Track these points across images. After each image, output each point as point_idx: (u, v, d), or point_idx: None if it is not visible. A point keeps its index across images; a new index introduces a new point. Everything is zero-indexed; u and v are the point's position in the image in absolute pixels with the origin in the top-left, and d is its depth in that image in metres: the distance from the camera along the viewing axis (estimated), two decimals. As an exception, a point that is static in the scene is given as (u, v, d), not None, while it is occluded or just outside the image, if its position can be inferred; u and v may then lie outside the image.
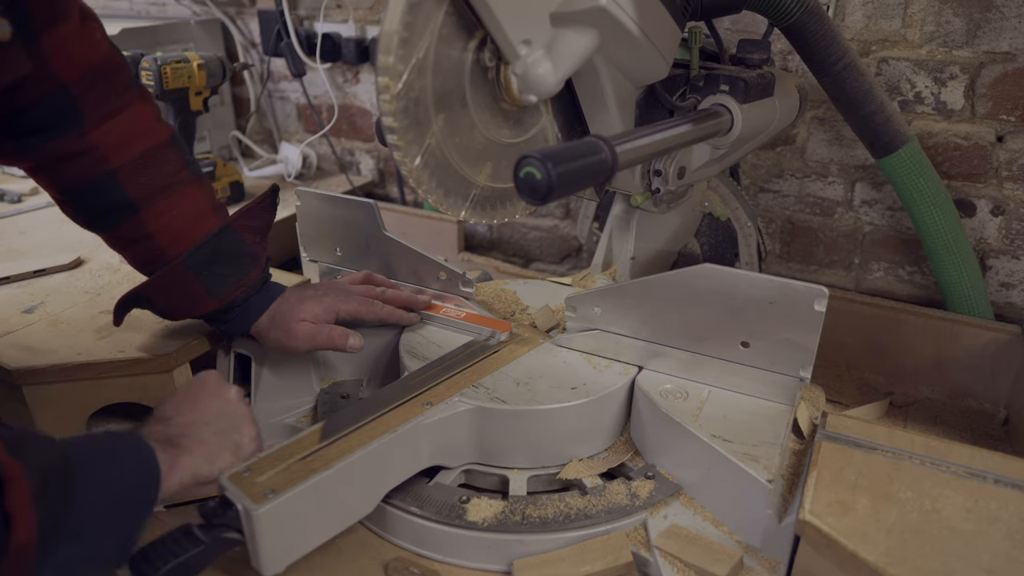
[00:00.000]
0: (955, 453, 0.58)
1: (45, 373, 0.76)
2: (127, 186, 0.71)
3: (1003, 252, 0.98)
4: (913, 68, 0.96)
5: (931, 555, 0.49)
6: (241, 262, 0.75)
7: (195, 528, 0.55)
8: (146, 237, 0.73)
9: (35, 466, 0.45)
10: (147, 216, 0.72)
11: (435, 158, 0.64)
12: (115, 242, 0.76)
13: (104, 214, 0.73)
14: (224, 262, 0.74)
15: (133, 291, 0.74)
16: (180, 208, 0.73)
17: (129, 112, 0.72)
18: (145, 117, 0.73)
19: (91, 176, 0.71)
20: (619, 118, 0.73)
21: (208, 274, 0.73)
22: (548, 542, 0.62)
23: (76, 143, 0.69)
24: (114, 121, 0.70)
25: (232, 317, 0.77)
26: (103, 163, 0.70)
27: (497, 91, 0.67)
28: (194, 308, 0.75)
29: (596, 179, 0.53)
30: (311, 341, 0.76)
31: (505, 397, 0.68)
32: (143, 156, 0.72)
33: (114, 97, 0.70)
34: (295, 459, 0.58)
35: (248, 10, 1.53)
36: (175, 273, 0.72)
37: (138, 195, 0.72)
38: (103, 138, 0.70)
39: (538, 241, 1.36)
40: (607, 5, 0.61)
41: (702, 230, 0.97)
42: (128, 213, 0.72)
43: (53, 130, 0.68)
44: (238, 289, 0.75)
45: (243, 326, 0.77)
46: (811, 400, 0.66)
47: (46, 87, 0.67)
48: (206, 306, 0.75)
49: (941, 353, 0.91)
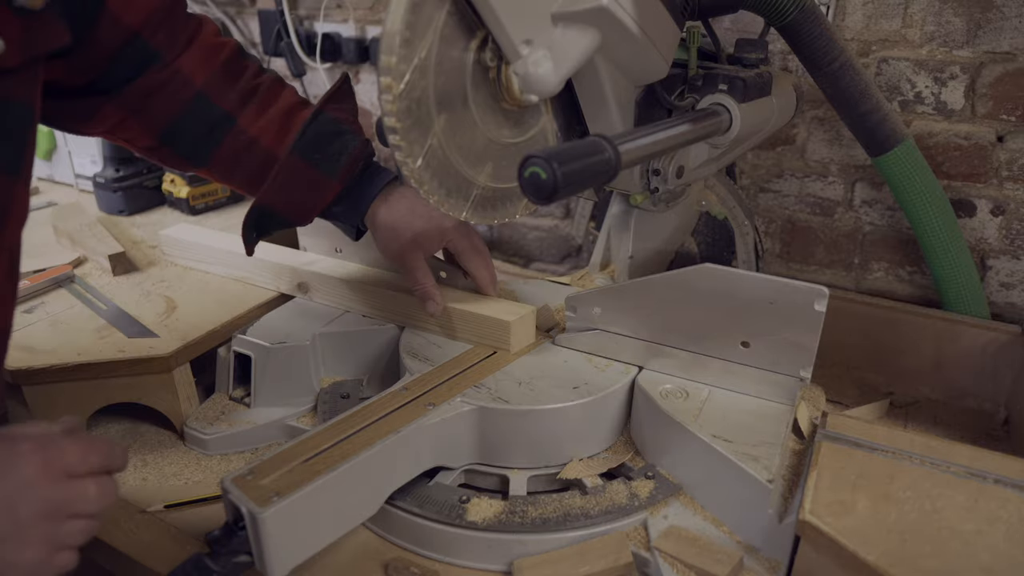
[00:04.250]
0: (955, 453, 0.58)
1: (45, 373, 0.76)
2: (217, 100, 0.72)
3: (1003, 252, 0.98)
4: (913, 68, 0.96)
5: (931, 555, 0.49)
6: (344, 140, 0.75)
7: (205, 558, 0.55)
8: (250, 143, 0.73)
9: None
10: (245, 122, 0.73)
11: (437, 158, 0.64)
12: (223, 166, 0.75)
13: (204, 138, 0.73)
14: (330, 143, 0.74)
15: (254, 206, 0.73)
16: (272, 107, 0.74)
17: (199, 37, 0.72)
18: (213, 34, 0.74)
19: (181, 103, 0.71)
20: (619, 118, 0.73)
21: (320, 157, 0.73)
22: (548, 542, 0.62)
23: (159, 75, 0.70)
24: (190, 49, 0.71)
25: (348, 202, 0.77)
26: (188, 86, 0.71)
27: (498, 91, 0.67)
28: (320, 198, 0.75)
29: (600, 179, 0.53)
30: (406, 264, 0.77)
31: (508, 397, 0.68)
32: (222, 69, 0.72)
33: (180, 29, 0.71)
34: (299, 461, 0.59)
35: (248, 10, 1.53)
36: (289, 165, 0.72)
37: (230, 105, 0.72)
38: (184, 65, 0.71)
39: (538, 241, 1.36)
40: (609, 5, 0.61)
41: (699, 229, 0.97)
42: (226, 125, 0.73)
43: (137, 73, 0.69)
44: (353, 165, 0.75)
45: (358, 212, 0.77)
46: (811, 400, 0.66)
47: (120, 40, 0.67)
48: (330, 190, 0.75)
49: (941, 353, 0.91)
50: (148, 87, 0.70)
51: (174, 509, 0.71)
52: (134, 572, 0.66)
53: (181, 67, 0.70)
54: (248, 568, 0.56)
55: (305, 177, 0.73)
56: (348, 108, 0.77)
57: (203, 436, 0.78)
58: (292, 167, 0.72)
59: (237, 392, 0.84)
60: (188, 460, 0.78)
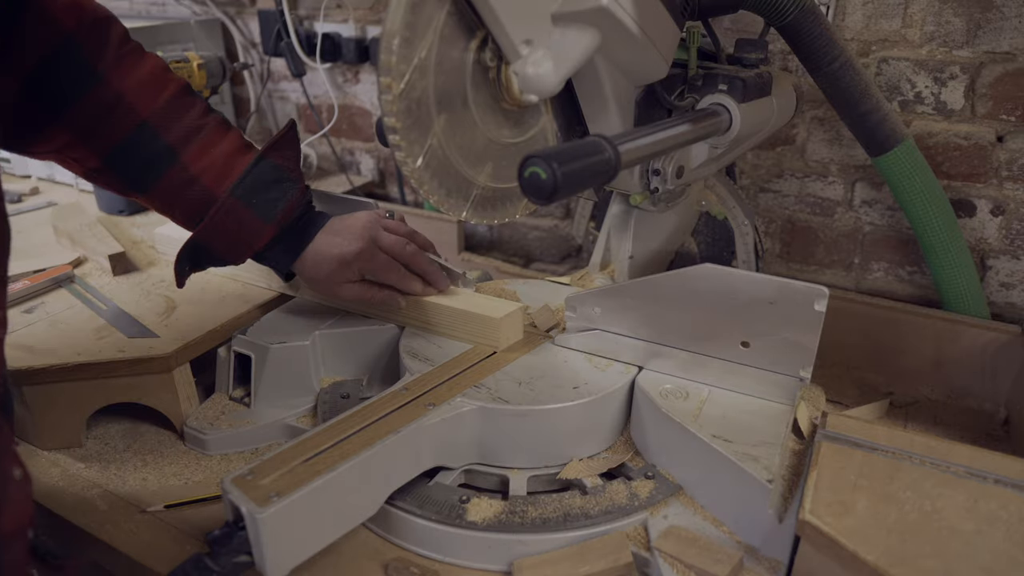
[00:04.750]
0: (955, 453, 0.58)
1: (45, 373, 0.76)
2: (162, 133, 0.72)
3: (1003, 252, 0.98)
4: (913, 68, 0.96)
5: (931, 555, 0.49)
6: (283, 187, 0.76)
7: (205, 558, 0.55)
8: (191, 180, 0.73)
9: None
10: (188, 159, 0.73)
11: (437, 158, 0.64)
12: (162, 197, 0.75)
13: (146, 168, 0.73)
14: (269, 188, 0.75)
15: (189, 241, 0.74)
16: (216, 147, 0.74)
17: (145, 64, 0.73)
18: (161, 69, 0.74)
19: (125, 130, 0.71)
20: (619, 117, 0.73)
21: (258, 201, 0.74)
22: (548, 542, 0.62)
23: (102, 94, 0.70)
24: (133, 73, 0.72)
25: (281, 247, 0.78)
26: (133, 114, 0.71)
27: (498, 91, 0.67)
28: (254, 240, 0.76)
29: (600, 178, 0.53)
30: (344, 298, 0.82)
31: (508, 397, 0.68)
32: (168, 103, 0.73)
33: (119, 45, 0.72)
34: (299, 461, 0.58)
35: (248, 10, 1.53)
36: (227, 207, 0.73)
37: (174, 140, 0.73)
38: (129, 92, 0.71)
39: (538, 241, 1.36)
40: (609, 5, 0.61)
41: (699, 229, 0.97)
42: (169, 160, 0.73)
43: (79, 90, 0.69)
44: (289, 211, 0.76)
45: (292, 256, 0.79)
46: (811, 400, 0.66)
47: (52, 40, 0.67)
48: (265, 234, 0.75)
49: (941, 353, 0.91)
50: (94, 110, 0.70)
51: (174, 509, 0.71)
52: (134, 572, 0.66)
53: (126, 94, 0.71)
54: (248, 568, 0.56)
55: (241, 219, 0.74)
56: (291, 156, 0.78)
57: (203, 436, 0.78)
58: (230, 208, 0.73)
59: (237, 392, 0.84)
60: (188, 460, 0.78)
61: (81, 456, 0.79)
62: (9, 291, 0.90)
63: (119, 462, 0.78)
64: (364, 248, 0.78)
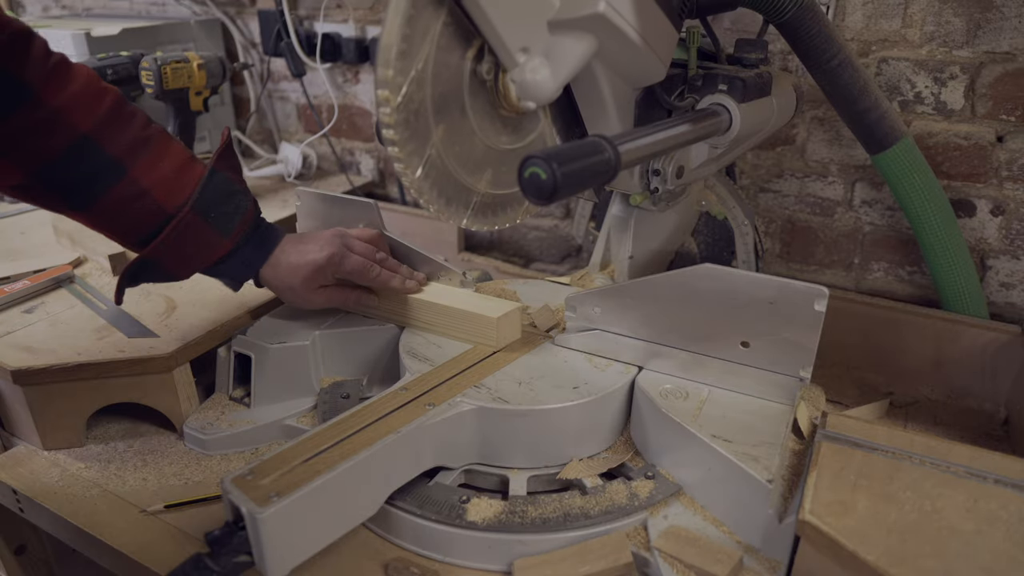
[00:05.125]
0: (955, 453, 0.58)
1: (45, 373, 0.76)
2: (107, 146, 0.68)
3: (1003, 252, 0.98)
4: (913, 68, 0.96)
5: (931, 555, 0.49)
6: (238, 200, 0.76)
7: (205, 558, 0.55)
8: (141, 194, 0.70)
9: None
10: (136, 173, 0.69)
11: (436, 168, 0.64)
12: (105, 213, 0.71)
13: (88, 182, 0.69)
14: (226, 202, 0.74)
15: (139, 259, 0.72)
16: (164, 160, 0.71)
17: (77, 76, 0.68)
18: (92, 78, 0.70)
19: (62, 145, 0.66)
20: (618, 120, 0.73)
21: (216, 215, 0.73)
22: (548, 542, 0.62)
23: (34, 111, 0.65)
24: (68, 87, 0.67)
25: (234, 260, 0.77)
26: (72, 129, 0.67)
27: (496, 98, 0.67)
28: (209, 254, 0.75)
29: (600, 179, 0.53)
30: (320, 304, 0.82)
31: (508, 397, 0.68)
32: (109, 115, 0.69)
33: (45, 59, 0.66)
34: (299, 461, 0.59)
35: (248, 10, 1.53)
36: (187, 221, 0.71)
37: (120, 152, 0.69)
38: (65, 107, 0.66)
39: (538, 241, 1.36)
40: (605, 11, 0.61)
41: (699, 229, 0.97)
42: (115, 174, 0.69)
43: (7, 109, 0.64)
44: (244, 225, 0.76)
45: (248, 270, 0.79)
46: (811, 400, 0.66)
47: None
48: (221, 248, 0.75)
49: (941, 353, 0.91)
50: (22, 127, 0.65)
51: (174, 509, 0.71)
52: (134, 572, 0.66)
53: (62, 109, 0.66)
54: (248, 568, 0.56)
55: (199, 234, 0.73)
56: (236, 167, 0.78)
57: (203, 436, 0.78)
58: (189, 223, 0.71)
59: (237, 392, 0.84)
60: (188, 460, 0.78)
61: (81, 456, 0.79)
62: (9, 291, 0.90)
63: (119, 462, 0.78)
64: (335, 252, 0.79)
